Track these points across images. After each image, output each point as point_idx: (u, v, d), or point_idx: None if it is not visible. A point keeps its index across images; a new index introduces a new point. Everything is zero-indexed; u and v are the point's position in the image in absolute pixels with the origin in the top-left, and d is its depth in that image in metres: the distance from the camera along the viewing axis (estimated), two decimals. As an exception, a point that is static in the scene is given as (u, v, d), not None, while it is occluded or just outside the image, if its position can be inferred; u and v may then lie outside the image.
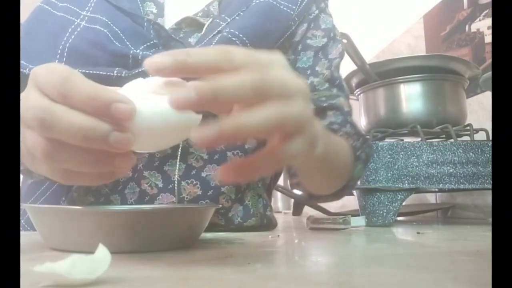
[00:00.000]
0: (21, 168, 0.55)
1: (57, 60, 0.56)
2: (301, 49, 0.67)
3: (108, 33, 0.57)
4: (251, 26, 0.59)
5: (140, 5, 0.61)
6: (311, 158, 0.33)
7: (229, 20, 0.60)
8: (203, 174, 0.58)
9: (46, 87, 0.29)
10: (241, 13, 0.61)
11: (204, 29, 0.61)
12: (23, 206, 0.37)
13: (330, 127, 0.60)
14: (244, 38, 0.58)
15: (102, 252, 0.24)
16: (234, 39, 0.57)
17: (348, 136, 0.59)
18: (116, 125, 0.28)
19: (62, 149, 0.29)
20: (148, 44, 0.57)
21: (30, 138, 0.30)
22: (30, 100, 0.29)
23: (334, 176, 0.57)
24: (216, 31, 0.59)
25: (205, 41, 0.57)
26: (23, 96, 0.31)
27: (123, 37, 0.57)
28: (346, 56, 0.87)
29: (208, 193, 0.58)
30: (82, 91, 0.28)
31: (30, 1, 0.63)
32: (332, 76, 0.66)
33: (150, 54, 0.56)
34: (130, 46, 0.56)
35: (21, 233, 0.50)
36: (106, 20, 0.58)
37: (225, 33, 0.57)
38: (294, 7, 0.64)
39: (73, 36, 0.58)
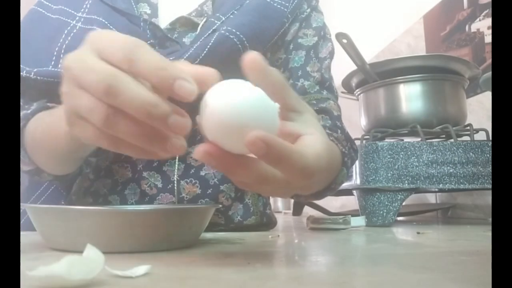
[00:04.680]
0: (28, 168, 0.55)
1: (53, 62, 0.56)
2: (292, 48, 0.67)
3: None
4: (247, 24, 0.60)
5: (134, 6, 0.62)
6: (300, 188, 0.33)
7: (223, 18, 0.61)
8: (202, 173, 0.58)
9: (110, 51, 0.28)
10: (235, 12, 0.62)
11: (198, 28, 0.61)
12: (23, 206, 0.37)
13: None
14: (241, 36, 0.58)
15: (93, 252, 0.24)
16: (231, 36, 0.57)
17: (338, 141, 0.59)
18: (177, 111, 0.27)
19: (122, 118, 0.28)
20: None
21: (86, 101, 0.28)
22: (93, 63, 0.28)
23: (318, 180, 0.57)
24: (211, 30, 0.59)
25: (201, 40, 0.58)
26: (76, 56, 0.29)
27: None
28: (346, 56, 0.88)
29: (208, 192, 0.58)
30: (152, 59, 0.27)
31: (30, 1, 0.63)
32: (323, 78, 0.67)
33: None
34: None
35: (21, 233, 0.50)
36: (103, 20, 0.58)
37: (222, 31, 0.58)
38: (287, 4, 0.65)
39: (69, 38, 0.58)
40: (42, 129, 0.49)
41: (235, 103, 0.27)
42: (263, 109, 0.27)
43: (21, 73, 0.54)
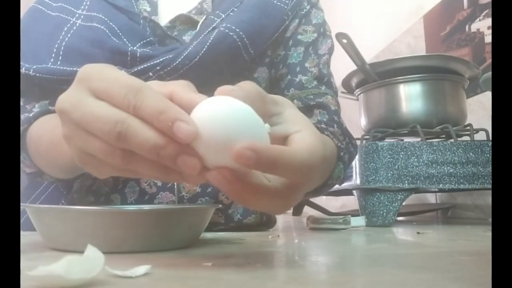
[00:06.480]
0: (30, 170, 0.55)
1: (52, 59, 0.56)
2: (291, 44, 0.67)
3: (105, 29, 0.57)
4: (247, 21, 0.59)
5: (134, 3, 0.62)
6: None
7: (223, 16, 0.60)
8: None
9: (109, 93, 0.28)
10: (235, 9, 0.61)
11: (198, 26, 0.61)
12: (23, 206, 0.37)
13: (316, 125, 0.60)
14: (241, 33, 0.58)
15: (93, 252, 0.24)
16: (231, 33, 0.57)
17: (334, 136, 0.59)
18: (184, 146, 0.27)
19: (137, 157, 0.29)
20: (144, 41, 0.57)
21: (100, 145, 0.29)
22: (94, 109, 0.28)
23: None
24: (211, 27, 0.59)
25: (201, 37, 0.57)
26: (70, 98, 0.29)
27: (120, 34, 0.57)
28: (346, 56, 0.88)
29: (207, 190, 0.58)
30: (154, 104, 0.27)
31: (29, 1, 0.63)
32: (321, 73, 0.66)
33: (148, 51, 0.56)
34: (127, 43, 0.57)
35: (21, 233, 0.50)
36: (103, 17, 0.58)
37: (221, 28, 0.58)
38: (287, 1, 0.65)
39: (69, 35, 0.58)
40: (47, 140, 0.49)
41: (223, 118, 0.26)
42: (252, 124, 0.27)
43: (21, 70, 0.54)
